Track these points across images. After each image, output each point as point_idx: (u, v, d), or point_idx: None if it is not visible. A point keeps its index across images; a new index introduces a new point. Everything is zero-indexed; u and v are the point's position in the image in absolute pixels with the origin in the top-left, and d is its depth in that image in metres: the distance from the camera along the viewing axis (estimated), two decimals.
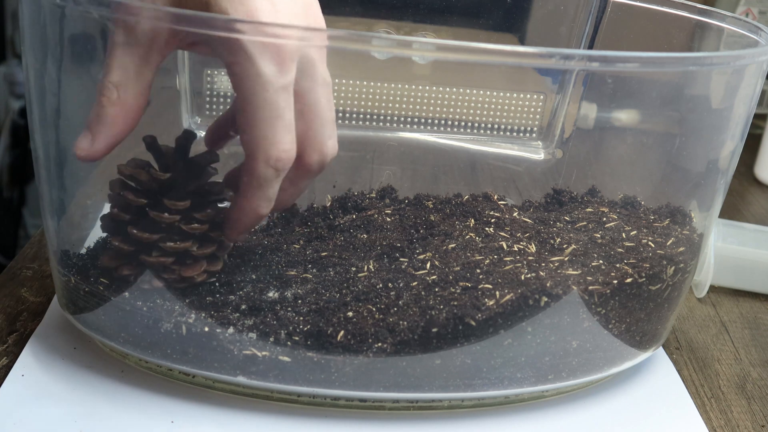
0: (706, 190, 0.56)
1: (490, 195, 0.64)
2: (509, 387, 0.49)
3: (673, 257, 0.53)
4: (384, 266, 0.52)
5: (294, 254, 0.54)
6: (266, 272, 0.51)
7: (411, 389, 0.48)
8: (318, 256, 0.53)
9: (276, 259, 0.53)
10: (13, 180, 1.41)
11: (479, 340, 0.48)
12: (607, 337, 0.51)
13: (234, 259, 0.51)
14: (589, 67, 0.49)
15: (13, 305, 0.57)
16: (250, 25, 0.43)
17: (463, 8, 0.72)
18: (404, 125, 0.73)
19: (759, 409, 0.54)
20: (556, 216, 0.59)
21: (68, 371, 0.50)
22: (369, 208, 0.61)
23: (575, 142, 0.71)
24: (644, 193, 0.61)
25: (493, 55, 0.44)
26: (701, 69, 0.50)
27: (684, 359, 0.59)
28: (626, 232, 0.55)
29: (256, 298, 0.49)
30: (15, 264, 0.62)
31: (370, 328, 0.47)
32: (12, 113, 1.40)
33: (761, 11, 1.07)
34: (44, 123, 0.51)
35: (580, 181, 0.66)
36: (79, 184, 0.55)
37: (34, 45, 0.50)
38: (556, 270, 0.51)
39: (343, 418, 0.49)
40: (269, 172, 0.46)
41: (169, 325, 0.48)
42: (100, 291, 0.49)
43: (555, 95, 0.73)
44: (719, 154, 0.54)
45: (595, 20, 0.70)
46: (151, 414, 0.47)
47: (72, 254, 0.52)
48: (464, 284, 0.50)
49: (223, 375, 0.48)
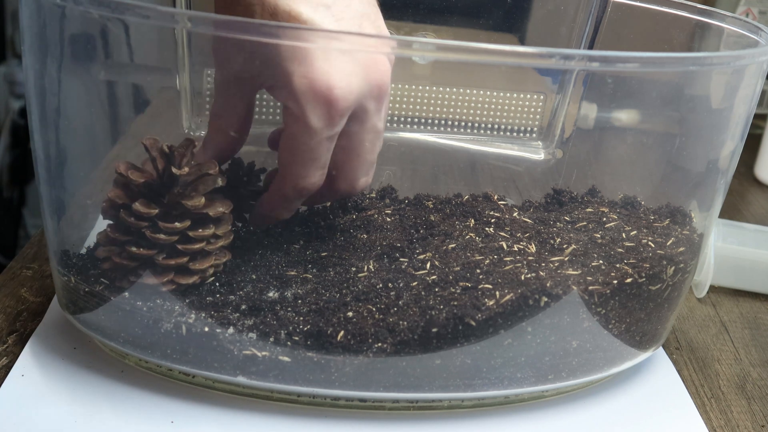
0: (706, 190, 0.56)
1: (490, 195, 0.64)
2: (509, 387, 0.49)
3: (673, 257, 0.53)
4: (384, 266, 0.52)
5: (294, 254, 0.54)
6: (266, 272, 0.51)
7: (411, 389, 0.48)
8: (318, 256, 0.53)
9: (276, 259, 0.53)
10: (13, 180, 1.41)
11: (479, 340, 0.48)
12: (607, 337, 0.51)
13: (234, 259, 0.51)
14: (589, 67, 0.49)
15: (13, 305, 0.57)
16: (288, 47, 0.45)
17: (463, 8, 0.72)
18: (404, 125, 0.73)
19: (759, 409, 0.54)
20: (556, 216, 0.59)
21: (68, 371, 0.50)
22: (369, 208, 0.61)
23: (575, 142, 0.71)
24: (644, 193, 0.61)
25: (493, 55, 0.44)
26: (701, 69, 0.50)
27: (684, 359, 0.59)
28: (626, 232, 0.55)
29: (256, 298, 0.49)
30: (15, 264, 0.62)
31: (370, 328, 0.47)
32: (12, 113, 1.40)
33: (761, 11, 1.07)
34: (44, 123, 0.51)
35: (580, 181, 0.66)
36: (79, 184, 0.55)
37: (34, 45, 0.50)
38: (556, 270, 0.51)
39: (343, 418, 0.49)
40: (294, 195, 0.50)
41: (169, 325, 0.48)
42: (99, 291, 0.49)
43: (555, 95, 0.73)
44: (719, 154, 0.54)
45: (595, 20, 0.70)
46: (151, 414, 0.47)
47: (72, 254, 0.52)
48: (464, 284, 0.50)
49: (223, 375, 0.48)
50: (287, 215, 0.53)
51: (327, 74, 0.46)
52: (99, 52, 0.50)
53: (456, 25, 0.72)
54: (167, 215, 0.48)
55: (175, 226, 0.48)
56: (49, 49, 0.49)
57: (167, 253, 0.48)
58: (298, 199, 0.51)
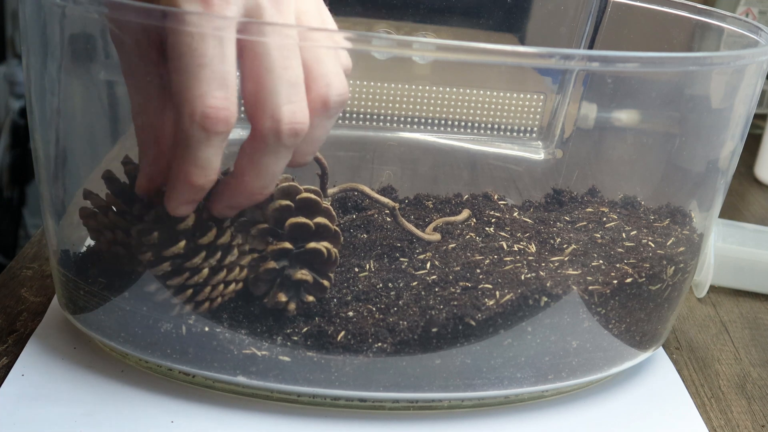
0: (706, 190, 0.56)
1: (490, 195, 0.64)
2: (509, 387, 0.49)
3: (673, 257, 0.53)
4: (384, 266, 0.52)
5: None
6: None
7: (411, 389, 0.48)
8: None
9: None
10: (13, 180, 1.40)
11: (479, 340, 0.48)
12: (607, 337, 0.51)
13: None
14: (589, 67, 0.49)
15: (13, 305, 0.57)
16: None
17: (463, 8, 0.72)
18: (404, 125, 0.73)
19: (759, 409, 0.54)
20: (556, 216, 0.59)
21: (68, 371, 0.50)
22: (369, 208, 0.61)
23: (575, 142, 0.71)
24: (644, 193, 0.61)
25: (493, 55, 0.44)
26: (701, 69, 0.50)
27: (684, 359, 0.59)
28: (626, 232, 0.55)
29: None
30: (15, 264, 0.62)
31: (370, 328, 0.47)
32: (12, 113, 1.40)
33: (761, 11, 1.07)
34: (44, 123, 0.51)
35: (580, 181, 0.66)
36: (79, 184, 0.55)
37: (34, 45, 0.50)
38: (556, 270, 0.51)
39: (343, 418, 0.49)
40: (196, 130, 0.40)
41: (169, 325, 0.48)
42: (99, 291, 0.49)
43: (555, 95, 0.73)
44: (719, 154, 0.54)
45: (595, 20, 0.70)
46: (151, 414, 0.47)
47: (72, 254, 0.52)
48: (464, 284, 0.50)
49: (223, 375, 0.48)
50: (200, 178, 0.42)
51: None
52: (99, 52, 0.50)
53: (456, 25, 0.72)
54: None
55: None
56: (49, 49, 0.49)
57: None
58: (205, 141, 0.41)
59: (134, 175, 0.47)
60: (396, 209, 0.54)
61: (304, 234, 0.48)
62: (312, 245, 0.48)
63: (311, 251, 0.48)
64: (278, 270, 0.47)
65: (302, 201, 0.48)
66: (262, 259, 0.47)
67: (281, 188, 0.48)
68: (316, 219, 0.48)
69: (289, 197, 0.48)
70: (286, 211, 0.48)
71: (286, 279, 0.47)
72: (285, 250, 0.47)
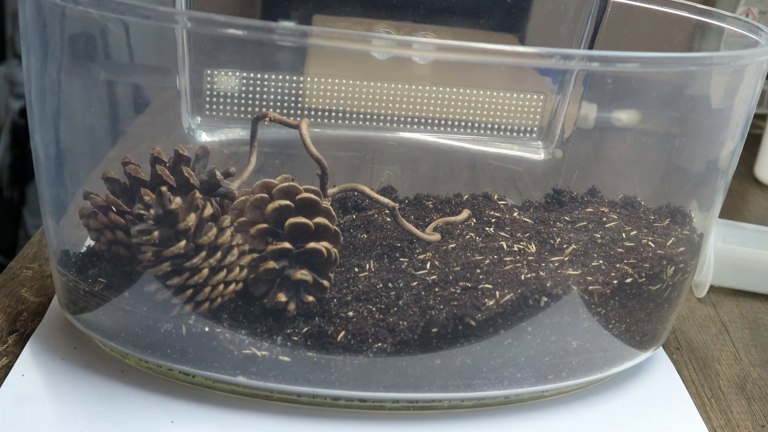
0: (706, 190, 0.56)
1: (490, 195, 0.64)
2: (509, 387, 0.49)
3: (673, 257, 0.53)
4: (384, 266, 0.52)
5: None
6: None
7: (411, 389, 0.48)
8: None
9: None
10: (13, 180, 1.41)
11: (479, 340, 0.48)
12: (607, 337, 0.51)
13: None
14: (589, 67, 0.49)
15: (13, 305, 0.57)
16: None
17: (463, 8, 0.72)
18: (404, 125, 0.73)
19: (759, 409, 0.54)
20: (556, 216, 0.59)
21: (68, 371, 0.50)
22: (369, 208, 0.61)
23: (575, 142, 0.71)
24: (644, 193, 0.61)
25: (493, 55, 0.44)
26: (701, 69, 0.50)
27: (684, 359, 0.59)
28: (626, 232, 0.55)
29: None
30: (15, 264, 0.62)
31: (370, 328, 0.47)
32: (12, 113, 1.40)
33: (761, 11, 1.07)
34: (44, 123, 0.51)
35: (580, 181, 0.66)
36: (79, 184, 0.55)
37: (34, 45, 0.50)
38: (556, 270, 0.51)
39: (343, 418, 0.49)
40: None
41: (169, 325, 0.48)
42: (99, 291, 0.49)
43: (555, 95, 0.73)
44: (719, 154, 0.54)
45: (595, 20, 0.70)
46: (151, 414, 0.47)
47: (72, 254, 0.52)
48: (464, 284, 0.50)
49: (223, 375, 0.48)
50: None
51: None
52: (99, 52, 0.50)
53: (456, 25, 0.72)
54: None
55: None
56: (49, 49, 0.49)
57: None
58: None
59: (134, 175, 0.47)
60: (396, 209, 0.54)
61: (303, 234, 0.48)
62: (312, 245, 0.48)
63: (311, 251, 0.48)
64: (278, 270, 0.47)
65: (302, 201, 0.48)
66: (261, 259, 0.47)
67: (281, 188, 0.48)
68: (315, 219, 0.48)
69: (288, 197, 0.48)
70: (286, 211, 0.48)
71: (286, 279, 0.47)
72: (285, 250, 0.47)
